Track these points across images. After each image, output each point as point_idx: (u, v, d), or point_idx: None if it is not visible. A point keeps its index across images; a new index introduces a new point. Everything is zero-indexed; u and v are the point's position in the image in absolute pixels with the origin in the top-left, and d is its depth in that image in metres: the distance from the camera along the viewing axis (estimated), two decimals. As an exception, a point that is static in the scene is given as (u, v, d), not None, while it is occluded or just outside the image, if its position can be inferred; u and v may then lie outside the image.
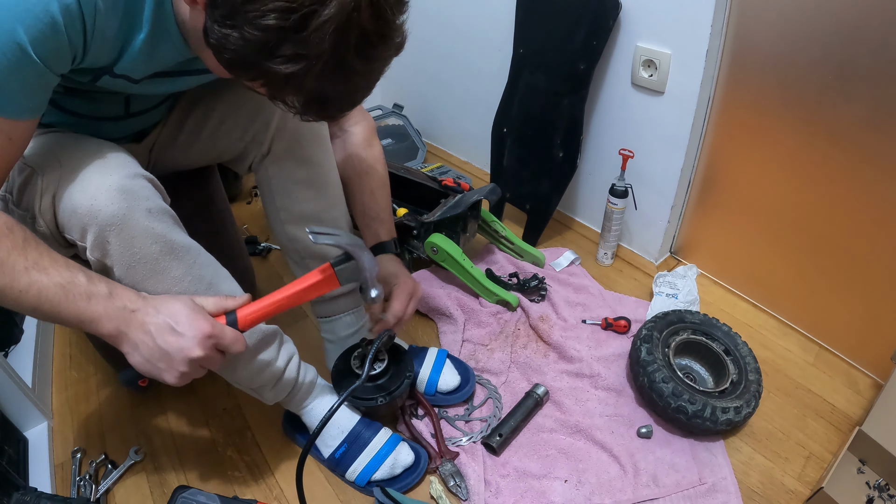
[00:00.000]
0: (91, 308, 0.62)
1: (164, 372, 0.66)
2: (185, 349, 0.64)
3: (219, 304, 0.71)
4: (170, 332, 0.64)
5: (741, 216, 1.25)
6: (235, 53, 0.56)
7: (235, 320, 0.71)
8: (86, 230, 0.66)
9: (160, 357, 0.64)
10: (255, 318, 0.73)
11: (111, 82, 0.69)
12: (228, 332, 0.68)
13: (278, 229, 0.99)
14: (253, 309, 0.73)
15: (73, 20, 0.57)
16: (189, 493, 0.84)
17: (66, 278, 0.61)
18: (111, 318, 0.63)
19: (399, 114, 1.94)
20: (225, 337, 0.67)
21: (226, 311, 0.72)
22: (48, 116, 0.77)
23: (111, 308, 0.63)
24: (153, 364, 0.65)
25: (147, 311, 0.64)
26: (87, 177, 0.66)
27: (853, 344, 1.14)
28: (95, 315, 0.62)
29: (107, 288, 0.63)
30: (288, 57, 0.54)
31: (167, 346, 0.64)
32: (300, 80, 0.56)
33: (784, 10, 1.00)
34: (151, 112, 0.86)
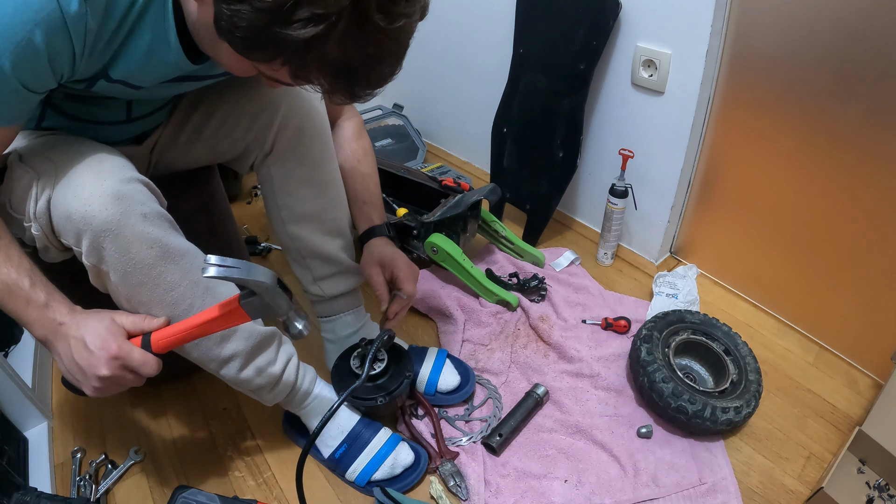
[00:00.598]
0: (27, 313, 0.65)
1: (81, 384, 0.69)
2: (93, 366, 0.66)
3: (136, 324, 0.71)
4: (83, 349, 0.66)
5: (741, 216, 1.25)
6: (249, 29, 0.53)
7: (149, 342, 0.71)
8: (81, 236, 0.66)
9: (76, 370, 0.67)
10: (166, 342, 0.72)
11: (108, 87, 0.69)
12: (136, 355, 0.68)
13: (279, 228, 0.99)
14: (165, 333, 0.72)
15: (59, 47, 0.57)
16: (189, 493, 0.84)
17: (12, 279, 0.64)
18: (42, 326, 0.66)
19: (399, 114, 1.94)
20: (132, 359, 0.68)
21: (142, 331, 0.72)
22: (49, 121, 0.77)
23: (43, 317, 0.66)
24: (73, 375, 0.68)
25: (71, 326, 0.67)
26: (82, 182, 0.66)
27: (853, 344, 1.14)
28: (30, 320, 0.66)
29: (45, 298, 0.66)
30: (306, 20, 0.50)
31: (80, 362, 0.66)
32: (322, 45, 0.53)
33: (784, 11, 1.00)
34: (154, 115, 0.86)
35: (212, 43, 0.63)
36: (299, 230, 0.98)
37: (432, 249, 1.26)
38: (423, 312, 1.30)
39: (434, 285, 1.33)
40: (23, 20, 0.54)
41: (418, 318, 1.30)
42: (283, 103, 0.90)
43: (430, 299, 1.27)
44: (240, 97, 0.91)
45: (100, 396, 0.69)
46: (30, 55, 0.56)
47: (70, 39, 0.57)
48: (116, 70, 0.66)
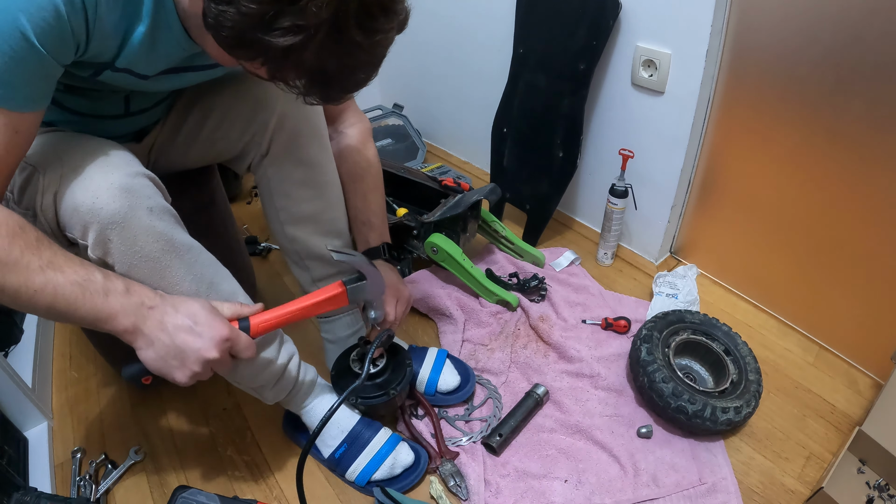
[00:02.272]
0: (108, 304, 0.62)
1: (175, 370, 0.66)
2: (201, 349, 0.65)
3: (234, 310, 0.73)
4: (188, 332, 0.65)
5: (741, 216, 1.25)
6: (233, 30, 0.55)
7: (248, 327, 0.73)
8: (87, 228, 0.66)
9: (175, 355, 0.65)
10: (267, 326, 0.75)
11: (113, 77, 0.69)
12: (243, 338, 0.70)
13: (277, 230, 0.99)
14: (266, 318, 0.75)
15: (76, 10, 0.57)
16: (189, 493, 0.84)
17: (82, 276, 0.61)
18: (128, 313, 0.63)
19: (399, 114, 1.94)
20: (240, 342, 0.70)
21: (240, 316, 0.73)
22: (49, 115, 0.77)
23: (128, 304, 0.63)
24: (166, 361, 0.66)
25: (165, 309, 0.65)
26: (89, 175, 0.66)
27: (853, 344, 1.14)
28: (112, 311, 0.63)
29: (123, 285, 0.64)
30: (286, 29, 0.53)
31: (184, 345, 0.65)
32: (300, 53, 0.55)
33: (784, 10, 1.00)
34: (151, 111, 0.86)
35: (199, 32, 0.64)
36: (298, 232, 0.98)
37: (432, 249, 1.26)
38: (423, 312, 1.30)
39: (434, 285, 1.33)
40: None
41: (418, 318, 1.30)
42: (279, 105, 0.90)
43: (430, 299, 1.27)
44: (236, 98, 0.91)
45: (188, 384, 0.68)
46: (52, 17, 0.55)
47: (84, 7, 0.57)
48: (122, 58, 0.66)
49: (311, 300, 0.79)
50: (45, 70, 0.59)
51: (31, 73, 0.58)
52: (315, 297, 0.79)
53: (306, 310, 0.78)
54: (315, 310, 0.79)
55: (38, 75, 0.59)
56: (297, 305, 0.78)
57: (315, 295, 0.79)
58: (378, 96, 2.11)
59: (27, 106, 0.60)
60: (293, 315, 0.77)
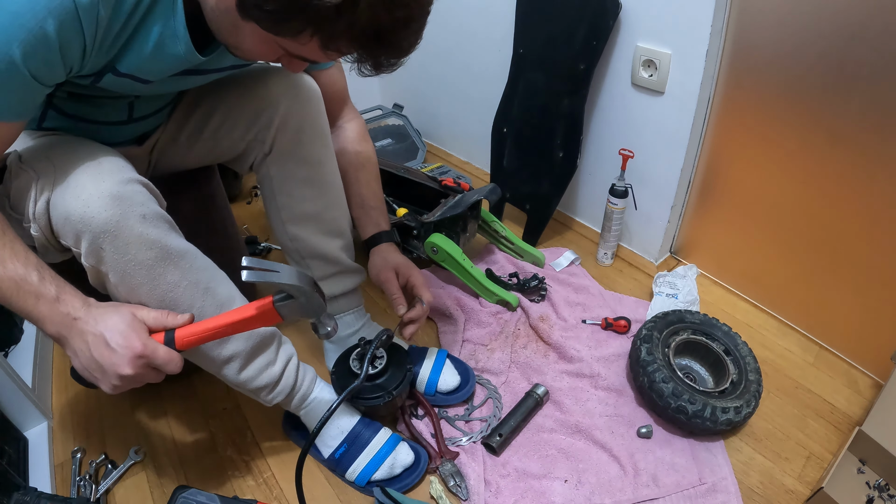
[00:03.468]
0: (38, 308, 0.63)
1: (99, 381, 0.67)
2: (115, 365, 0.64)
3: (159, 321, 0.70)
4: (104, 346, 0.64)
5: (741, 216, 1.25)
6: (279, 2, 0.54)
7: (173, 339, 0.70)
8: (80, 237, 0.66)
9: (95, 368, 0.65)
10: (191, 340, 0.70)
11: (115, 81, 0.69)
12: (161, 352, 0.67)
13: (279, 228, 0.99)
14: (191, 331, 0.71)
15: (71, 37, 0.57)
16: (189, 493, 0.84)
17: (19, 274, 0.62)
18: (54, 322, 0.64)
19: (399, 114, 1.94)
20: (157, 357, 0.66)
21: (165, 328, 0.70)
22: (50, 121, 0.77)
23: (55, 312, 0.64)
24: (90, 372, 0.66)
25: (87, 321, 0.64)
26: (81, 182, 0.65)
27: (853, 344, 1.14)
28: (41, 316, 0.63)
29: (55, 291, 0.64)
30: None
31: (101, 359, 0.64)
32: (352, 10, 0.54)
33: (784, 10, 1.00)
34: (155, 116, 0.86)
35: (233, 27, 0.63)
36: (299, 230, 0.98)
37: (432, 249, 1.26)
38: (423, 312, 1.30)
39: (434, 285, 1.33)
40: (35, 9, 0.54)
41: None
42: (283, 103, 0.90)
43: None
44: (239, 98, 0.91)
45: (116, 392, 0.67)
46: (41, 45, 0.55)
47: (82, 31, 0.57)
48: (124, 63, 0.66)
49: (239, 316, 0.71)
50: (29, 89, 0.60)
51: (14, 90, 0.59)
52: (242, 312, 0.72)
53: (234, 325, 0.72)
54: (244, 326, 0.72)
55: (23, 94, 0.60)
56: (225, 321, 0.71)
57: (243, 310, 0.72)
58: (378, 96, 2.11)
59: (8, 118, 0.61)
60: (220, 330, 0.71)
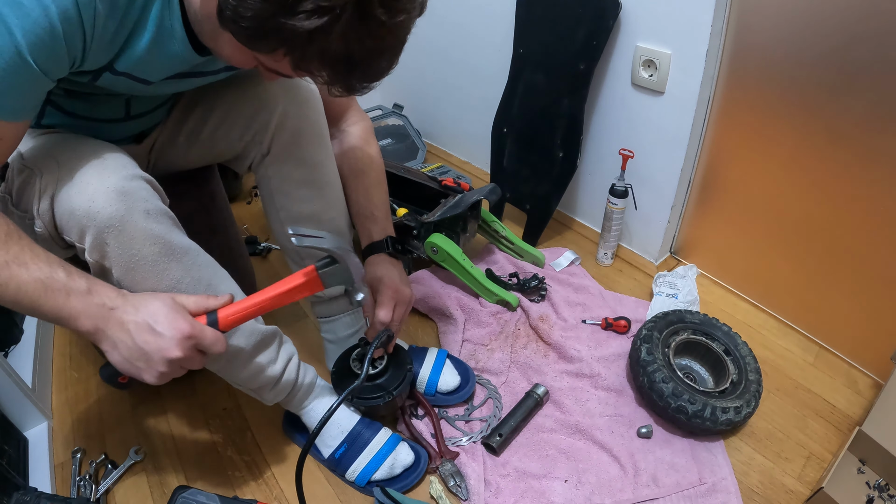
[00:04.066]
0: (70, 304, 0.61)
1: (142, 371, 0.64)
2: (163, 349, 0.63)
3: (200, 304, 0.69)
4: (149, 332, 0.62)
5: (741, 216, 1.25)
6: (254, 19, 0.54)
7: (216, 320, 0.69)
8: (84, 232, 0.66)
9: (139, 356, 0.63)
10: (236, 318, 0.70)
11: (112, 80, 0.69)
12: (209, 333, 0.66)
13: (278, 229, 0.99)
14: (235, 309, 0.70)
15: (72, 27, 0.56)
16: (189, 493, 0.84)
17: (45, 273, 0.60)
18: (89, 315, 0.62)
19: (399, 114, 1.94)
20: (205, 338, 0.66)
21: (207, 310, 0.70)
22: (49, 118, 0.77)
23: (90, 305, 0.62)
24: (132, 363, 0.64)
25: (126, 310, 0.63)
26: (86, 178, 0.66)
27: (853, 344, 1.14)
28: (74, 311, 0.61)
29: (86, 284, 0.62)
30: (310, 11, 0.52)
31: (146, 346, 0.62)
32: (325, 37, 0.54)
33: (784, 10, 1.00)
34: (152, 114, 0.86)
35: (213, 34, 0.63)
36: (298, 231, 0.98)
37: (432, 249, 1.26)
38: (423, 312, 1.30)
39: (434, 285, 1.33)
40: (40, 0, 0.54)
41: (418, 318, 1.29)
42: (280, 105, 0.90)
43: (430, 299, 1.27)
44: (237, 98, 0.91)
45: (160, 383, 0.65)
46: (47, 35, 0.55)
47: (81, 23, 0.57)
48: (122, 62, 0.66)
49: (282, 287, 0.73)
50: (36, 85, 0.60)
51: (22, 87, 0.58)
52: (286, 284, 0.73)
53: (277, 298, 0.72)
54: (287, 298, 0.73)
55: (29, 89, 0.60)
56: (268, 294, 0.72)
57: (286, 282, 0.73)
58: (378, 96, 2.11)
59: (14, 117, 0.61)
60: (264, 305, 0.72)
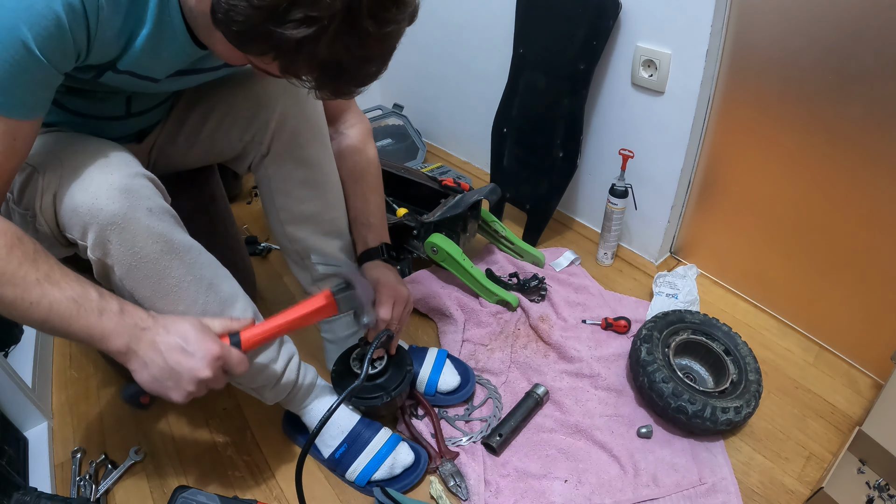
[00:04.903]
0: (102, 323, 0.62)
1: (171, 390, 0.67)
2: (194, 369, 0.65)
3: (225, 326, 0.73)
4: (180, 352, 0.65)
5: (741, 216, 1.25)
6: (244, 24, 0.54)
7: (239, 342, 0.73)
8: (87, 229, 0.66)
9: (169, 376, 0.65)
10: (257, 340, 0.75)
11: (115, 78, 0.69)
12: (235, 354, 0.70)
13: (278, 229, 0.99)
14: (256, 332, 0.75)
15: (77, 18, 0.57)
16: (189, 493, 0.84)
17: (78, 292, 0.61)
18: (121, 334, 0.64)
19: (399, 114, 1.94)
20: (232, 358, 0.69)
21: (231, 331, 0.73)
22: (50, 116, 0.77)
23: (122, 325, 0.64)
24: (161, 382, 0.66)
25: (157, 330, 0.65)
26: (89, 176, 0.66)
27: (853, 344, 1.14)
28: (106, 331, 0.63)
29: (118, 305, 0.64)
30: (299, 21, 0.52)
31: (177, 366, 0.65)
32: (313, 45, 0.54)
33: (784, 10, 1.00)
34: (152, 112, 0.86)
35: (207, 31, 0.63)
36: (298, 231, 0.98)
37: (432, 249, 1.26)
38: (423, 312, 1.30)
39: (434, 285, 1.33)
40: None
41: (418, 318, 1.30)
42: (280, 104, 0.90)
43: (430, 299, 1.27)
44: (237, 98, 0.91)
45: (185, 402, 0.68)
46: (53, 27, 0.55)
47: (85, 15, 0.57)
48: (124, 60, 0.66)
49: (300, 312, 0.78)
50: (45, 79, 0.59)
51: (31, 82, 0.58)
52: (303, 308, 0.78)
53: (295, 322, 0.78)
54: (304, 321, 0.78)
55: (38, 84, 0.59)
56: (286, 318, 0.77)
57: (303, 307, 0.78)
58: (378, 96, 2.11)
59: (26, 114, 0.60)
60: (283, 328, 0.77)
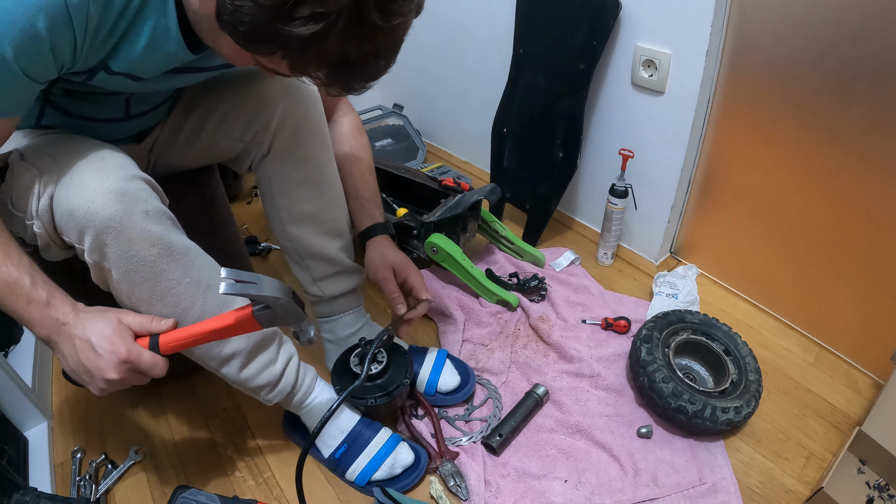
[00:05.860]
0: (28, 312, 0.65)
1: (87, 384, 0.69)
2: (101, 369, 0.66)
3: (144, 325, 0.71)
4: (90, 351, 0.66)
5: (741, 216, 1.25)
6: (251, 24, 0.54)
7: (157, 343, 0.71)
8: (83, 233, 0.66)
9: (83, 371, 0.67)
10: (175, 345, 0.72)
11: (108, 79, 0.69)
12: (146, 357, 0.68)
13: (278, 229, 0.99)
14: (175, 337, 0.72)
15: (61, 35, 0.57)
16: (189, 493, 0.84)
17: (12, 277, 0.63)
18: (44, 326, 0.65)
19: (399, 114, 1.94)
20: (142, 362, 0.68)
21: (150, 332, 0.71)
22: (49, 118, 0.77)
23: (45, 317, 0.65)
24: (78, 375, 0.68)
25: (75, 326, 0.66)
26: (85, 179, 0.66)
27: (853, 344, 1.14)
28: (31, 319, 0.65)
29: (46, 296, 0.65)
30: (307, 17, 0.52)
31: (87, 364, 0.66)
32: (321, 42, 0.54)
33: (784, 10, 1.00)
34: (152, 113, 0.86)
35: (213, 34, 0.63)
36: (298, 231, 0.98)
37: (432, 249, 1.26)
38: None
39: (434, 285, 1.33)
40: (26, 6, 0.54)
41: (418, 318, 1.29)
42: (281, 104, 0.90)
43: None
44: (237, 98, 0.91)
45: (104, 395, 0.69)
46: (32, 42, 0.55)
47: (72, 28, 0.57)
48: (117, 62, 0.66)
49: (220, 323, 0.72)
50: (21, 87, 0.60)
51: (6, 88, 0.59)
52: (223, 320, 0.72)
53: (216, 333, 0.73)
54: (226, 333, 0.73)
55: (13, 91, 0.60)
56: (208, 327, 0.72)
57: (223, 318, 0.72)
58: (378, 96, 2.11)
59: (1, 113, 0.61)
60: (203, 336, 0.72)
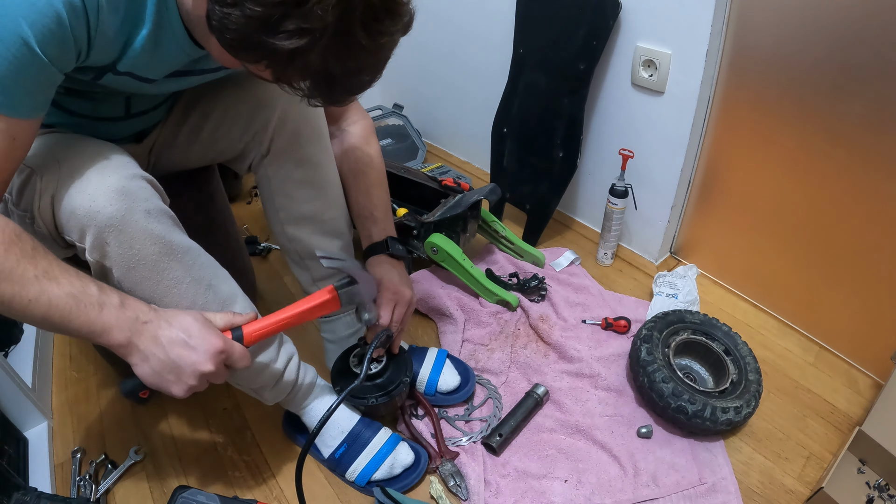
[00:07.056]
0: (102, 318, 0.62)
1: (171, 384, 0.67)
2: (196, 363, 0.65)
3: (227, 320, 0.73)
4: (182, 346, 0.65)
5: (741, 216, 1.25)
6: (238, 33, 0.54)
7: (241, 336, 0.73)
8: (85, 231, 0.66)
9: (170, 370, 0.65)
10: (260, 335, 0.75)
11: (114, 80, 0.69)
12: (237, 348, 0.70)
13: (278, 229, 0.99)
14: (259, 326, 0.75)
15: (78, 16, 0.56)
16: (189, 493, 0.84)
17: (77, 288, 0.61)
18: (122, 328, 0.63)
19: (399, 114, 1.94)
20: (234, 352, 0.70)
21: (233, 326, 0.73)
22: (49, 117, 0.77)
23: (123, 318, 0.63)
24: (162, 376, 0.66)
25: (159, 324, 0.65)
26: (87, 178, 0.66)
27: (853, 344, 1.14)
28: (107, 325, 0.63)
29: (118, 298, 0.64)
30: (291, 32, 0.52)
31: (178, 360, 0.65)
32: (305, 56, 0.55)
33: (784, 10, 1.00)
34: (152, 113, 0.86)
35: (203, 34, 0.64)
36: (298, 231, 0.98)
37: (432, 249, 1.26)
38: (423, 312, 1.30)
39: (434, 285, 1.33)
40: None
41: (418, 318, 1.30)
42: (280, 104, 0.90)
43: (430, 299, 1.27)
44: (237, 98, 0.91)
45: (186, 396, 0.68)
46: (55, 26, 0.55)
47: (86, 14, 0.57)
48: (124, 62, 0.66)
49: (303, 307, 0.79)
50: (45, 78, 0.59)
51: (31, 81, 0.58)
52: (306, 303, 0.79)
53: (298, 316, 0.78)
54: (307, 316, 0.80)
55: (38, 83, 0.59)
56: (289, 313, 0.78)
57: (306, 301, 0.80)
58: (378, 96, 2.11)
59: (26, 113, 0.60)
60: (285, 322, 0.77)
